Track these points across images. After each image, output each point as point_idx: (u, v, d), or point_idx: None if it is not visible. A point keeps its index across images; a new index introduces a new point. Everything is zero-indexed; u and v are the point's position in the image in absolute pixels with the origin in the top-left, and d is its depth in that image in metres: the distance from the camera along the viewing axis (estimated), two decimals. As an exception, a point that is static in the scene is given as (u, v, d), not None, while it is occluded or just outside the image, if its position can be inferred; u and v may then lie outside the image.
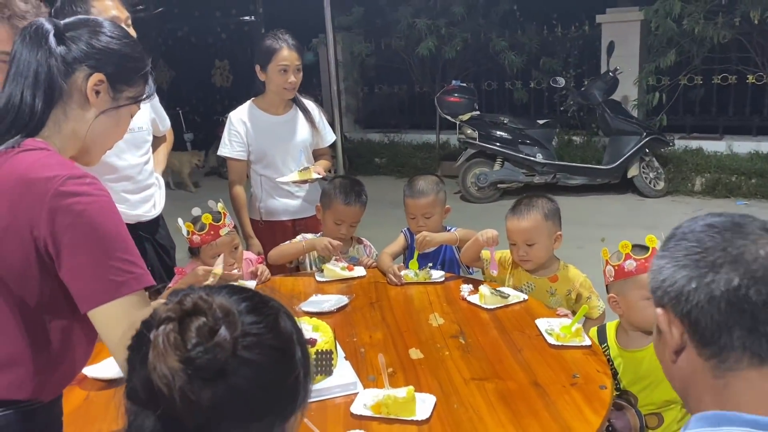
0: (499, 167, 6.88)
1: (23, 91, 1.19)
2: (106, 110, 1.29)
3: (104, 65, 1.25)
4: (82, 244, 1.11)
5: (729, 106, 7.44)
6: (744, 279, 0.82)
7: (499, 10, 8.36)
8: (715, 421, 0.82)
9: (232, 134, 2.93)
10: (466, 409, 1.59)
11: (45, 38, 1.21)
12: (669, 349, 0.90)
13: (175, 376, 0.73)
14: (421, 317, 2.16)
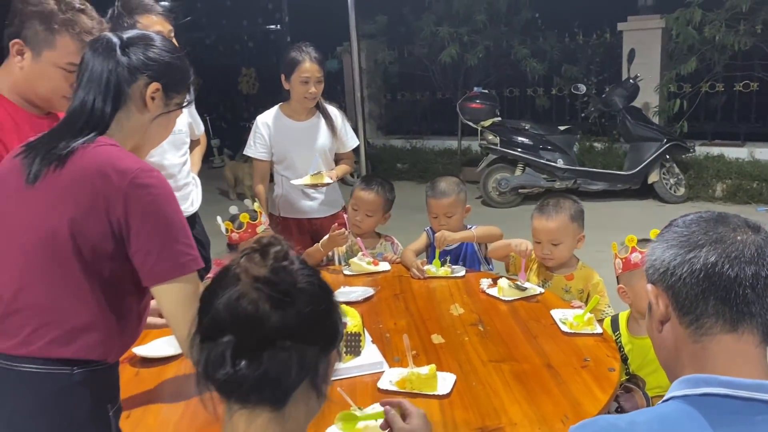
0: (521, 172, 6.99)
1: (95, 96, 1.37)
2: (159, 114, 1.47)
3: (160, 75, 1.43)
4: (151, 228, 1.29)
5: (751, 113, 7.47)
6: (721, 257, 0.95)
7: (521, 19, 8.48)
8: (694, 383, 0.94)
9: (256, 136, 3.15)
10: (483, 386, 1.72)
11: (113, 50, 1.38)
12: (655, 320, 1.03)
13: (260, 290, 0.91)
14: (442, 307, 2.30)
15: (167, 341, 2.03)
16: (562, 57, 8.36)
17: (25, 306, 1.29)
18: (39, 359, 1.28)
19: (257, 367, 0.90)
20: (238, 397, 0.94)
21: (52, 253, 1.28)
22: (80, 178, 1.28)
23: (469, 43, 8.39)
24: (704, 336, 0.96)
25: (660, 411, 0.96)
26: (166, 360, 1.95)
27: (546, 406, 1.61)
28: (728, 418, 0.90)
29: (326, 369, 0.99)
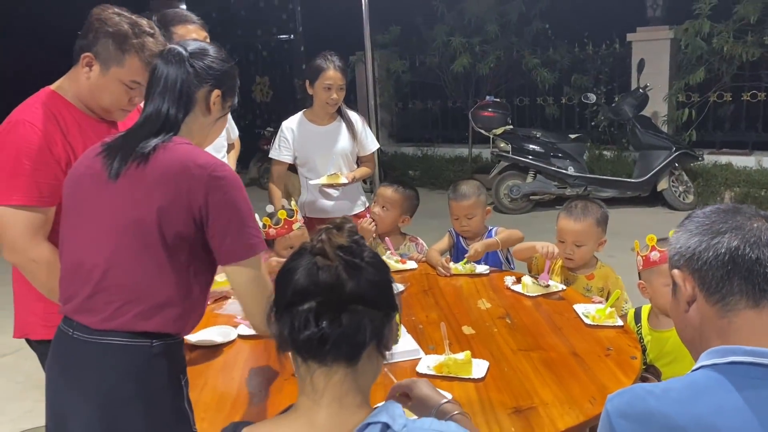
0: (532, 180, 7.13)
1: (169, 102, 1.54)
2: (218, 117, 1.65)
3: (220, 83, 1.61)
4: (227, 214, 1.45)
5: (758, 123, 7.60)
6: (742, 242, 1.07)
7: (531, 29, 8.64)
8: (722, 353, 1.05)
9: (281, 140, 3.33)
10: (515, 372, 1.85)
11: (183, 61, 1.56)
12: (683, 300, 1.14)
13: (342, 258, 1.06)
14: (470, 302, 2.43)
15: (216, 331, 2.18)
16: (572, 67, 8.51)
17: (112, 285, 1.44)
18: (122, 332, 1.43)
19: (337, 326, 1.05)
20: (317, 356, 1.08)
21: (140, 238, 1.43)
22: (165, 172, 1.44)
23: (480, 53, 8.55)
24: (730, 312, 1.08)
25: (691, 378, 1.07)
26: (214, 347, 2.09)
27: (574, 389, 1.73)
28: (752, 383, 1.01)
29: (389, 333, 1.13)
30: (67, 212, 1.57)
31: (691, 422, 0.99)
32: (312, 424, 1.07)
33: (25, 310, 1.95)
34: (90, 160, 1.55)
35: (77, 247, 1.51)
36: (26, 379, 3.83)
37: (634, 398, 1.06)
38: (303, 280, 1.07)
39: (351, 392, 1.09)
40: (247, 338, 2.17)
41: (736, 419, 0.98)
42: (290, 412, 1.13)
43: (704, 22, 6.86)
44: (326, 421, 1.07)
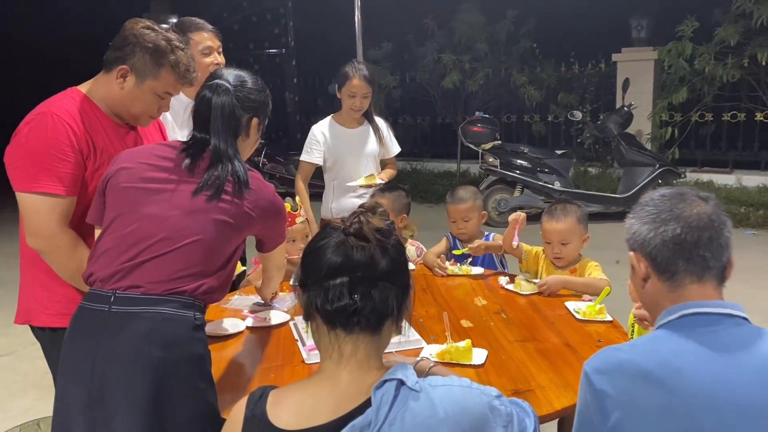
0: (519, 194, 7.28)
1: (225, 131, 1.76)
2: (255, 141, 1.91)
3: (259, 112, 1.85)
4: (278, 226, 1.92)
5: (738, 142, 7.85)
6: (683, 228, 1.26)
7: (519, 48, 8.87)
8: (673, 311, 1.27)
9: (313, 143, 3.45)
10: (512, 359, 1.97)
11: (229, 91, 1.76)
12: (639, 278, 1.34)
13: (379, 240, 1.19)
14: (467, 299, 2.55)
15: (226, 322, 2.27)
16: (559, 85, 8.74)
17: (176, 255, 1.63)
18: (172, 297, 1.61)
19: (369, 300, 1.17)
20: (346, 326, 1.19)
21: (214, 229, 1.68)
22: (252, 201, 1.75)
23: (470, 71, 8.76)
24: (678, 287, 1.28)
25: (652, 335, 1.29)
26: (226, 337, 2.19)
27: (569, 374, 1.85)
28: (700, 329, 1.23)
29: (406, 308, 1.26)
30: (131, 195, 1.70)
31: (656, 366, 1.18)
32: (335, 384, 1.19)
33: (30, 298, 2.03)
34: (160, 158, 1.76)
35: (143, 224, 1.66)
36: (23, 378, 3.88)
37: (605, 356, 1.26)
38: (336, 257, 1.19)
39: (371, 357, 1.21)
40: (255, 329, 2.27)
41: (692, 357, 1.19)
42: (315, 374, 1.24)
43: (687, 44, 7.12)
44: (348, 381, 1.19)
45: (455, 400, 1.16)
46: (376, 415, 1.12)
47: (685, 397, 1.15)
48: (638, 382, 1.18)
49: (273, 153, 8.94)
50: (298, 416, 1.17)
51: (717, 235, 1.26)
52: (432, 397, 1.15)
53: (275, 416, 1.18)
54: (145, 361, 1.53)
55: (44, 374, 3.79)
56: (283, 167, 8.82)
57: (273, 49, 10.81)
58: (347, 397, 1.17)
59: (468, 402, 1.17)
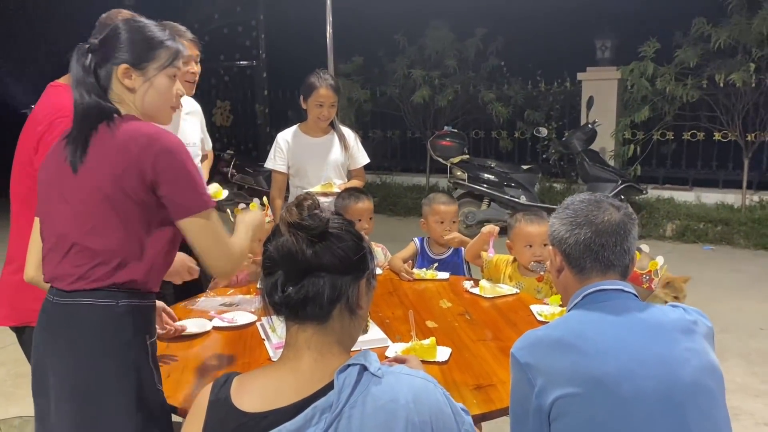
0: (486, 207, 7.39)
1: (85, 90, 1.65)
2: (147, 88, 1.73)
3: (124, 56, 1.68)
4: (177, 175, 1.57)
5: (698, 160, 8.08)
6: (594, 233, 1.49)
7: (488, 65, 9.02)
8: (578, 294, 1.51)
9: (276, 151, 3.50)
10: (475, 357, 2.02)
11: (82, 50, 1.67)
12: (554, 269, 1.59)
13: (295, 234, 1.20)
14: (432, 302, 2.59)
15: (191, 323, 2.28)
16: (526, 102, 8.90)
17: (81, 250, 1.57)
18: (90, 291, 1.56)
19: (300, 290, 1.20)
20: (290, 315, 1.24)
21: (102, 205, 1.56)
22: (116, 144, 1.57)
23: (439, 86, 8.88)
24: (585, 279, 1.52)
25: (563, 317, 1.54)
26: (192, 337, 2.19)
27: (529, 371, 1.90)
28: (599, 304, 1.46)
29: (357, 294, 1.26)
30: (41, 198, 1.69)
31: (566, 333, 1.41)
32: (296, 371, 1.22)
33: (22, 301, 2.02)
34: (58, 147, 1.67)
35: (53, 226, 1.64)
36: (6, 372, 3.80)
37: (526, 336, 1.47)
38: (273, 252, 1.23)
39: (326, 344, 1.24)
40: (221, 330, 2.28)
41: (594, 322, 1.43)
42: (278, 360, 1.27)
43: (648, 64, 7.33)
44: (309, 366, 1.22)
45: (417, 389, 1.19)
46: (338, 398, 1.15)
47: (590, 353, 1.36)
48: (553, 348, 1.39)
49: (242, 164, 8.93)
50: (262, 399, 1.19)
51: (622, 240, 1.49)
52: (393, 383, 1.18)
53: (239, 400, 1.20)
54: (71, 351, 1.56)
55: (2, 382, 3.74)
56: (252, 178, 8.80)
57: (244, 61, 10.82)
58: (310, 380, 1.20)
59: (429, 393, 1.20)
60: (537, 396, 1.37)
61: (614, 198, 1.59)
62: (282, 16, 10.18)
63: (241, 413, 1.18)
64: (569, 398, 1.33)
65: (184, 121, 2.97)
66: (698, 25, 7.07)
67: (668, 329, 1.42)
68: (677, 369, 1.36)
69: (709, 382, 1.38)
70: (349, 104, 9.78)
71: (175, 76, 1.73)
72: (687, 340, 1.41)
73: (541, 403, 1.36)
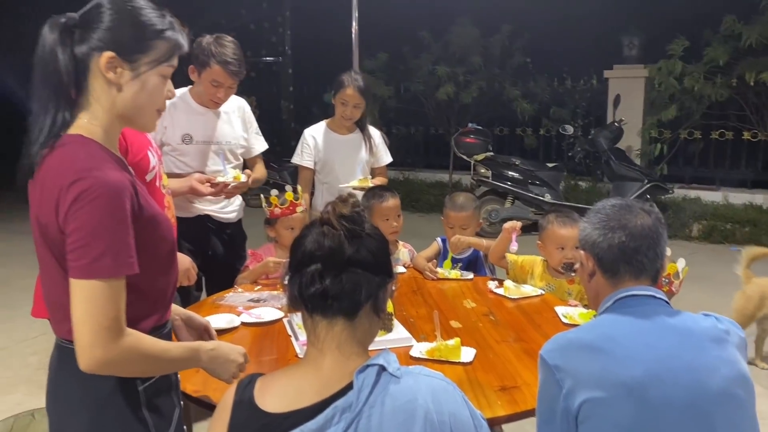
0: (510, 205, 7.37)
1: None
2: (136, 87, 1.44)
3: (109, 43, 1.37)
4: (76, 227, 1.26)
5: (725, 160, 7.97)
6: (627, 237, 1.49)
7: (513, 62, 8.99)
8: (610, 299, 1.52)
9: (303, 147, 3.55)
10: (499, 358, 2.03)
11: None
12: (586, 273, 1.59)
13: (344, 226, 1.23)
14: (456, 301, 2.61)
15: (220, 318, 2.33)
16: (551, 99, 8.86)
17: (45, 298, 1.42)
18: (67, 340, 1.35)
19: (338, 284, 1.22)
20: (321, 309, 1.25)
21: (41, 250, 1.37)
22: (40, 183, 1.32)
23: (463, 83, 8.86)
24: (618, 283, 1.52)
25: (593, 321, 1.56)
26: (220, 332, 2.23)
27: (553, 373, 1.91)
28: (630, 308, 1.47)
29: (383, 297, 1.29)
30: None
31: (595, 337, 1.43)
32: (318, 370, 1.24)
33: None
34: None
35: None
36: (14, 373, 3.90)
37: (555, 339, 1.48)
38: (311, 245, 1.25)
39: (349, 342, 1.25)
40: (249, 325, 2.32)
41: (624, 327, 1.44)
42: (299, 361, 1.30)
43: (677, 63, 7.25)
44: (330, 366, 1.24)
45: (435, 390, 1.20)
46: (357, 397, 1.17)
47: (619, 358, 1.37)
48: (582, 352, 1.40)
49: (267, 159, 8.97)
50: (284, 400, 1.21)
51: (654, 244, 1.50)
52: (412, 384, 1.20)
53: (262, 401, 1.23)
54: (54, 396, 1.43)
55: (35, 370, 3.84)
56: (276, 173, 8.87)
57: (270, 57, 10.88)
58: (330, 381, 1.22)
59: (448, 395, 1.22)
60: (565, 398, 1.38)
61: (641, 198, 1.60)
62: (308, 12, 10.22)
63: (264, 414, 1.21)
64: (596, 402, 1.35)
65: (221, 120, 3.01)
66: (728, 23, 6.97)
67: (698, 337, 1.42)
68: (706, 377, 1.36)
69: (738, 392, 1.38)
70: (373, 100, 9.80)
71: (168, 76, 1.43)
72: (717, 348, 1.41)
73: (568, 405, 1.38)
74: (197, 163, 2.95)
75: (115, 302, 1.27)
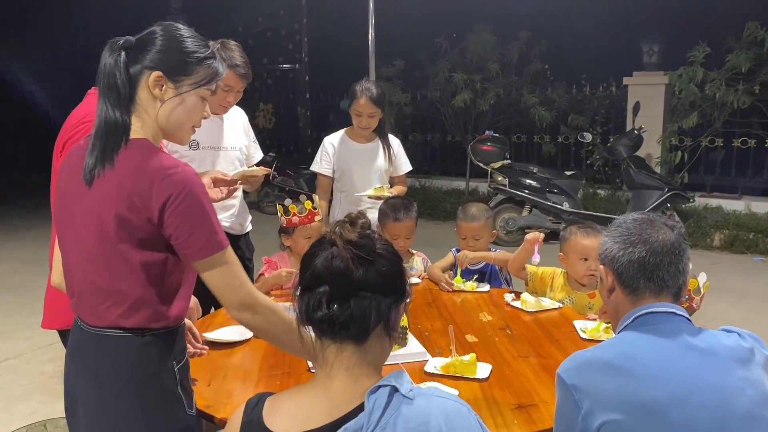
0: (527, 213, 7.29)
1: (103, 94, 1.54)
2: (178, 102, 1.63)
3: (160, 63, 1.56)
4: (185, 214, 1.48)
5: (748, 168, 7.83)
6: (648, 252, 1.44)
7: (531, 69, 8.92)
8: (629, 315, 1.47)
9: (323, 155, 3.54)
10: (516, 374, 1.98)
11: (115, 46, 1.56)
12: (605, 288, 1.54)
13: (351, 251, 1.18)
14: (472, 314, 2.56)
15: (233, 330, 2.30)
16: (570, 107, 8.77)
17: (93, 288, 1.52)
18: (114, 327, 1.51)
19: (346, 309, 1.18)
20: (330, 334, 1.21)
21: (106, 242, 1.48)
22: (122, 176, 1.47)
23: (481, 90, 8.82)
24: (638, 300, 1.47)
25: (612, 339, 1.51)
26: (232, 344, 2.21)
27: (572, 391, 1.86)
28: (651, 326, 1.42)
29: (396, 318, 1.25)
30: (57, 206, 1.63)
31: (614, 356, 1.37)
32: (327, 391, 1.21)
33: (63, 305, 2.06)
34: (75, 159, 1.59)
35: (65, 247, 1.60)
36: (30, 381, 3.91)
37: (573, 357, 1.44)
38: (320, 266, 1.21)
39: (359, 365, 1.21)
40: (262, 338, 2.29)
41: (644, 346, 1.39)
42: (310, 381, 1.26)
43: (698, 70, 7.14)
44: (340, 389, 1.20)
45: (449, 412, 1.16)
46: (368, 420, 1.13)
47: (640, 377, 1.32)
48: (601, 371, 1.36)
49: (283, 167, 9.01)
50: (293, 421, 1.18)
51: (677, 260, 1.45)
52: (425, 406, 1.16)
53: (271, 421, 1.20)
54: (98, 384, 1.52)
55: (50, 378, 3.85)
56: (293, 181, 8.87)
57: (287, 64, 10.89)
58: (341, 402, 1.19)
59: (462, 417, 1.18)
60: (583, 419, 1.34)
61: (661, 207, 1.54)
62: (325, 19, 10.24)
63: None
64: (616, 425, 1.30)
65: (226, 126, 3.02)
66: (751, 29, 6.86)
67: (722, 356, 1.37)
68: (731, 399, 1.31)
69: (765, 414, 1.33)
70: (390, 107, 9.79)
71: (206, 98, 1.62)
72: (742, 368, 1.36)
73: (587, 427, 1.34)
74: (204, 169, 2.93)
75: (237, 263, 1.52)
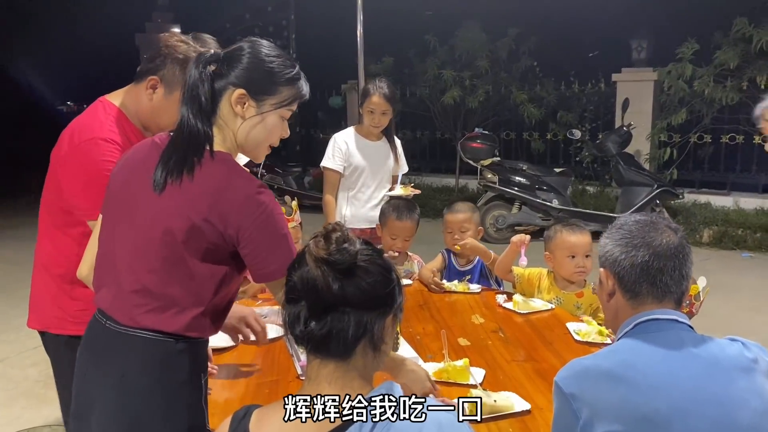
0: (517, 211, 7.28)
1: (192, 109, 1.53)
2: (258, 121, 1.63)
3: (244, 81, 1.56)
4: (263, 236, 1.49)
5: (736, 164, 7.86)
6: (651, 256, 1.39)
7: (520, 66, 8.90)
8: (629, 322, 1.42)
9: (336, 150, 3.51)
10: (510, 379, 1.95)
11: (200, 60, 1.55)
12: (605, 293, 1.48)
13: (321, 268, 1.13)
14: (464, 317, 2.53)
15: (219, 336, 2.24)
16: (559, 104, 8.77)
17: (140, 289, 1.47)
18: (150, 330, 1.47)
19: (323, 326, 1.14)
20: (311, 350, 1.18)
21: (170, 248, 1.46)
22: (203, 188, 1.45)
23: (470, 87, 8.79)
24: (640, 306, 1.42)
25: (612, 346, 1.45)
26: (219, 351, 2.16)
27: (566, 396, 1.83)
28: (652, 334, 1.37)
29: (382, 330, 1.20)
30: (112, 204, 1.58)
31: (614, 365, 1.33)
32: None
33: (47, 305, 2.02)
34: (143, 160, 1.56)
35: (113, 243, 1.54)
36: (14, 386, 3.83)
37: (571, 365, 1.40)
38: (296, 280, 1.17)
39: (350, 379, 1.17)
40: (251, 343, 2.24)
41: (645, 354, 1.34)
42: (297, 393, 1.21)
43: (686, 66, 7.15)
44: None
45: (442, 424, 1.12)
46: None
47: (640, 387, 1.28)
48: (601, 380, 1.31)
49: (272, 164, 8.95)
50: None
51: (680, 265, 1.40)
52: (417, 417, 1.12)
53: None
54: (122, 386, 1.46)
55: (35, 382, 3.78)
56: (281, 178, 8.82)
57: (274, 61, 10.83)
58: None
59: (455, 429, 1.13)
60: (582, 429, 1.30)
61: (650, 203, 1.50)
62: (313, 16, 10.18)
63: None
64: None
65: None
66: (739, 26, 6.87)
67: (725, 367, 1.33)
68: (734, 411, 1.27)
69: None
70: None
71: (286, 117, 1.60)
72: (746, 379, 1.32)
73: None
74: None
75: None
